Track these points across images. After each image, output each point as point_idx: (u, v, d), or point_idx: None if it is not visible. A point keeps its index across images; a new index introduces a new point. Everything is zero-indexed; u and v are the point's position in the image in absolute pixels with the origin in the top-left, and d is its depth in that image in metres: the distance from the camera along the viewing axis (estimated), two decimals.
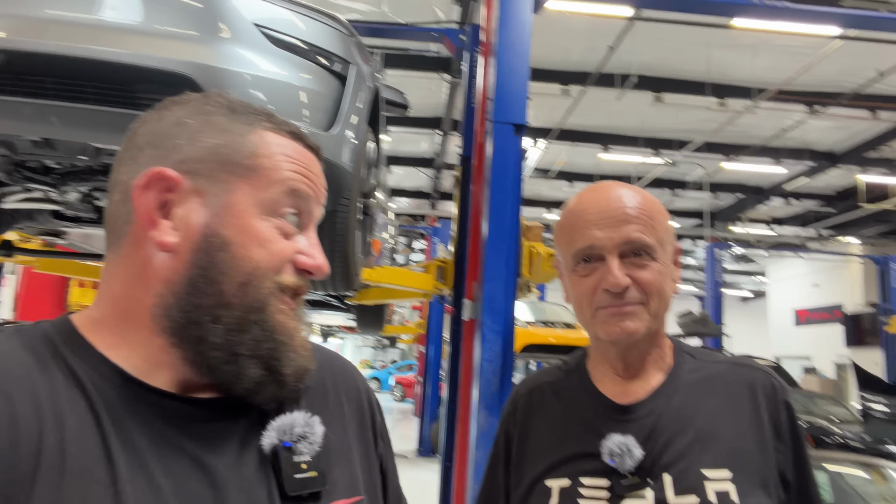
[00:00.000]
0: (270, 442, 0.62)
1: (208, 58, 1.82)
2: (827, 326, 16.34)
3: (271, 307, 0.61)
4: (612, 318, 0.91)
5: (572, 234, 0.95)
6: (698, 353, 1.01)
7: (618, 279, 0.89)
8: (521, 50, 3.46)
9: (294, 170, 0.65)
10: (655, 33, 7.85)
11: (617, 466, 0.88)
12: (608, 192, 0.96)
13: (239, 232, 0.61)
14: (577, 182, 13.62)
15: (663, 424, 0.91)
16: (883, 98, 9.28)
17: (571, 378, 1.02)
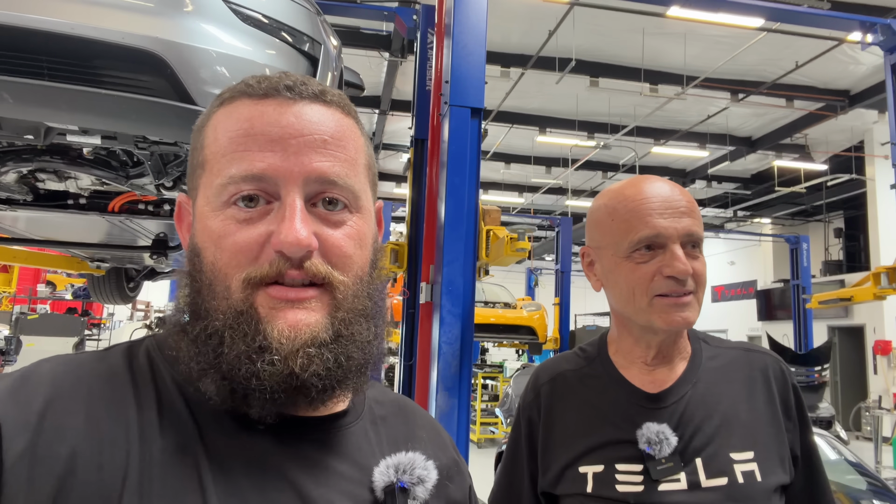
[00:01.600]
0: (386, 479, 0.59)
1: (174, 33, 1.73)
2: (742, 302, 17.44)
3: (254, 304, 0.54)
4: (673, 308, 0.93)
5: (633, 221, 0.95)
6: (711, 339, 1.07)
7: (687, 266, 0.92)
8: (478, 33, 3.46)
9: (238, 144, 0.55)
10: (593, 19, 8.02)
11: (654, 454, 0.92)
12: (661, 184, 0.98)
13: (201, 236, 0.57)
14: (513, 163, 13.81)
15: (691, 411, 0.96)
16: (799, 88, 9.89)
17: (595, 365, 1.05)
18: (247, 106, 0.56)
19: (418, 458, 0.61)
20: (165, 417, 0.53)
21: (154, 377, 0.56)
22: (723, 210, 16.21)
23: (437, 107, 3.66)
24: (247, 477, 0.53)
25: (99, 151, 2.18)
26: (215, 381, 0.53)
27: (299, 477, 0.55)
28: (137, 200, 2.64)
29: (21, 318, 10.01)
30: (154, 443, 0.51)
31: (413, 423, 0.69)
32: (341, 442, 0.59)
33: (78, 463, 0.48)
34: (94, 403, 0.52)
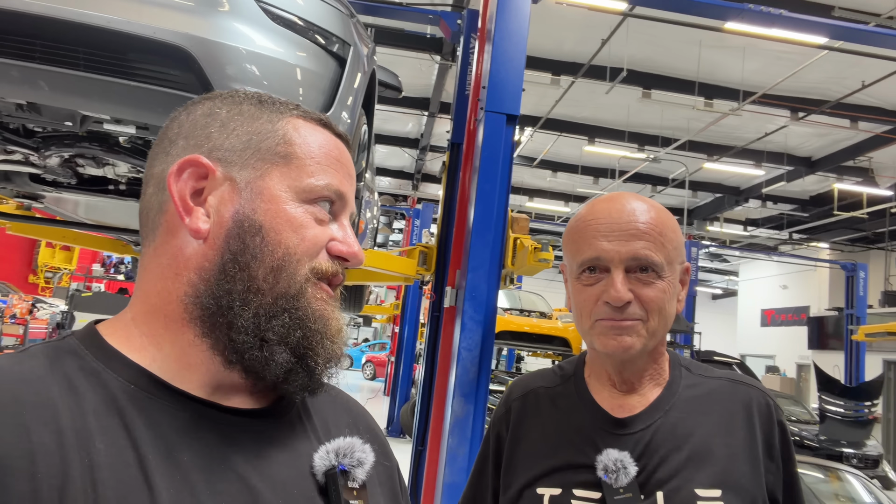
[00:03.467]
0: (326, 464, 0.61)
1: (205, 30, 1.78)
2: (792, 328, 16.77)
3: (307, 294, 0.61)
4: (610, 331, 0.91)
5: (580, 243, 0.94)
6: (695, 366, 1.02)
7: (620, 294, 0.89)
8: (518, 40, 3.44)
9: (326, 159, 0.64)
10: (648, 29, 7.86)
11: (610, 482, 0.88)
12: (622, 203, 0.94)
13: (272, 217, 0.60)
14: (560, 172, 13.67)
15: (659, 440, 0.91)
16: (864, 108, 9.45)
17: (568, 385, 1.02)
18: (328, 135, 0.66)
19: (356, 442, 0.63)
20: (101, 417, 0.52)
21: (84, 375, 0.54)
22: (777, 231, 15.63)
23: (475, 112, 3.66)
24: (194, 470, 0.53)
25: (135, 140, 2.27)
26: (282, 352, 0.58)
27: (244, 468, 0.56)
28: None
29: (76, 295, 10.50)
30: (92, 446, 0.50)
31: (342, 409, 0.72)
32: (280, 431, 0.62)
33: (8, 476, 0.46)
34: (20, 410, 0.49)
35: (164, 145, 0.63)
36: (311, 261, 0.61)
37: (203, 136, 0.62)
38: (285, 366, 0.58)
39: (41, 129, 2.19)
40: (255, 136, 0.62)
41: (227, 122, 0.63)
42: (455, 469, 3.13)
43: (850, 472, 3.83)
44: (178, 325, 0.58)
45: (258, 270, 0.58)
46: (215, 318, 0.57)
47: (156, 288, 0.60)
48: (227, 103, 0.64)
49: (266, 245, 0.59)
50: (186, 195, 0.60)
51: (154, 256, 0.61)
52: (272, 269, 0.59)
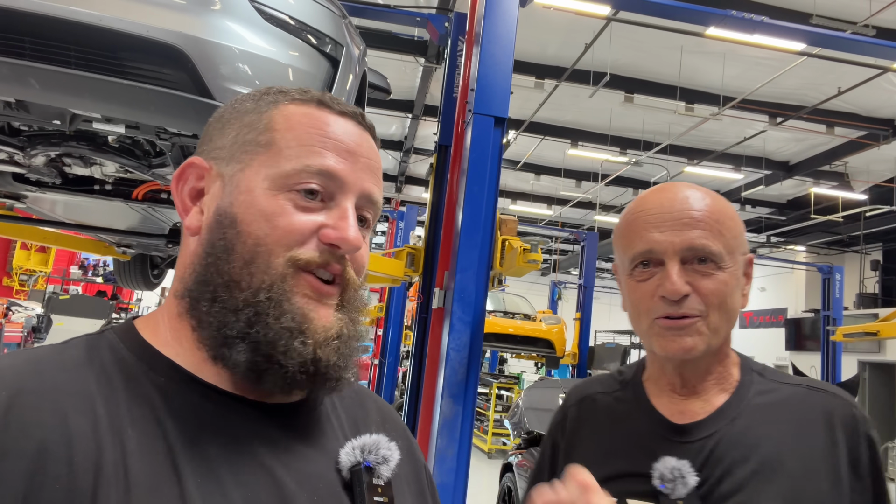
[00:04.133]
0: (352, 460, 0.61)
1: (198, 29, 1.77)
2: (770, 330, 17.03)
3: (286, 288, 0.57)
4: (669, 333, 0.84)
5: (631, 237, 0.88)
6: (769, 372, 0.93)
7: (676, 286, 0.82)
8: (506, 43, 3.46)
9: (312, 138, 0.61)
10: (631, 34, 7.95)
11: (667, 492, 0.81)
12: (674, 192, 0.88)
13: (245, 208, 0.59)
14: (543, 175, 13.75)
15: (723, 450, 0.83)
16: (839, 114, 9.65)
17: (626, 390, 0.96)
18: (327, 114, 0.62)
19: (382, 440, 0.64)
20: (134, 407, 0.53)
21: (119, 368, 0.56)
22: (756, 234, 15.88)
23: (462, 114, 3.68)
24: (221, 461, 0.54)
25: (123, 140, 2.25)
26: (244, 350, 0.56)
27: (270, 460, 0.57)
28: (160, 189, 2.70)
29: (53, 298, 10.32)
30: (125, 434, 0.51)
31: (369, 407, 0.72)
32: (307, 426, 0.62)
33: (47, 459, 0.48)
34: (59, 397, 0.52)
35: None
36: (289, 251, 0.58)
37: (207, 138, 0.65)
38: (247, 364, 0.56)
39: (27, 127, 2.16)
40: (242, 129, 0.62)
41: (226, 121, 0.64)
42: (444, 470, 3.13)
43: None
44: (177, 320, 0.60)
45: (234, 263, 0.57)
46: (192, 311, 0.58)
47: (175, 285, 0.63)
48: (234, 104, 0.65)
49: (239, 237, 0.58)
50: (185, 195, 0.63)
51: (178, 263, 0.64)
52: (245, 261, 0.57)
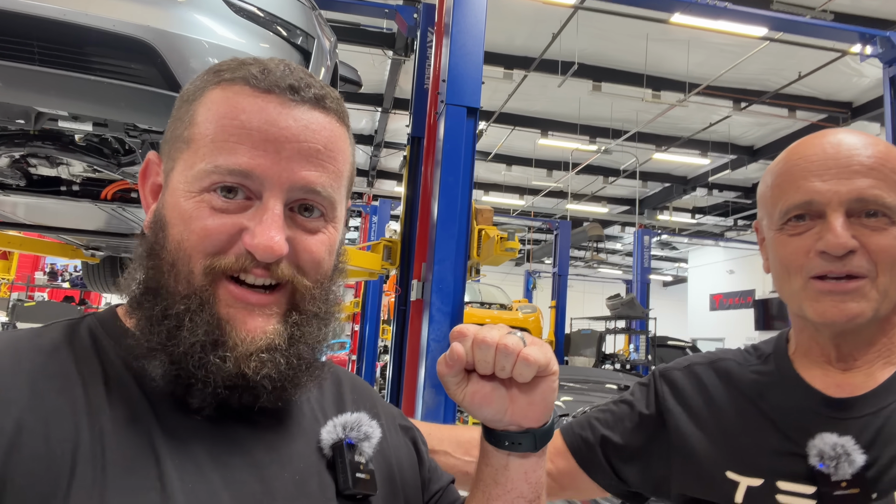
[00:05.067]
0: (334, 437, 0.61)
1: (167, 23, 1.74)
2: (739, 311, 17.44)
3: (205, 298, 0.55)
4: (828, 297, 0.73)
5: (784, 186, 0.77)
6: None
7: (841, 238, 0.71)
8: (476, 33, 3.47)
9: (227, 133, 0.55)
10: (597, 23, 8.03)
11: (829, 473, 0.71)
12: (838, 137, 0.77)
13: (170, 211, 0.57)
14: (514, 165, 13.82)
15: (893, 428, 0.72)
16: (801, 98, 9.90)
17: (767, 364, 0.85)
18: (247, 96, 0.56)
19: (363, 417, 0.63)
20: (113, 390, 0.53)
21: (98, 352, 0.56)
22: (723, 218, 16.21)
23: (434, 105, 3.68)
24: (199, 443, 0.54)
25: (91, 138, 2.20)
26: (163, 363, 0.53)
27: (250, 441, 0.56)
28: (130, 189, 2.65)
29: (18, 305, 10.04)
30: (103, 414, 0.51)
31: (348, 388, 0.71)
32: (287, 408, 0.61)
33: (24, 435, 0.48)
34: (37, 377, 0.51)
35: None
36: (206, 258, 0.54)
37: (167, 129, 0.62)
38: (168, 376, 0.53)
39: None
40: (175, 121, 0.60)
41: (174, 112, 0.61)
42: None
43: None
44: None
45: (163, 270, 0.56)
46: (130, 315, 0.58)
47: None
48: (182, 90, 0.62)
49: (166, 240, 0.56)
50: (147, 192, 0.62)
51: None
52: (170, 265, 0.55)
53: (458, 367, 0.59)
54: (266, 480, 0.55)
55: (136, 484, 0.49)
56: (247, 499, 0.53)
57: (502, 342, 0.57)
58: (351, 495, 0.59)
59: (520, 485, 0.64)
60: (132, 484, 0.49)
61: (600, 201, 16.02)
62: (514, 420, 0.62)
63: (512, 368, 0.58)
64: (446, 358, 0.59)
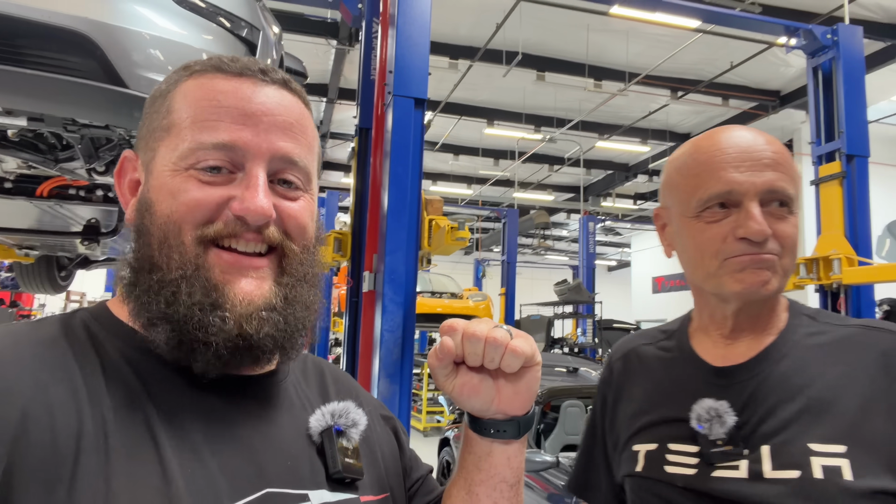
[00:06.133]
0: (322, 424, 0.64)
1: (105, 14, 1.69)
2: (680, 293, 18.12)
3: (204, 263, 0.58)
4: (749, 266, 0.80)
5: (703, 176, 0.83)
6: (822, 315, 0.89)
7: (762, 226, 0.78)
8: (422, 23, 3.48)
9: (206, 112, 0.59)
10: (539, 13, 8.14)
11: (706, 433, 0.80)
12: (742, 132, 0.84)
13: (156, 191, 0.60)
14: (461, 155, 13.89)
15: (766, 390, 0.81)
16: (734, 87, 10.33)
17: (670, 340, 0.96)
18: (221, 80, 0.60)
19: (350, 405, 0.66)
20: (111, 380, 0.55)
21: (93, 343, 0.58)
22: None
23: (382, 97, 3.68)
24: (197, 430, 0.56)
25: (25, 134, 2.11)
26: (165, 330, 0.56)
27: (245, 429, 0.59)
28: (68, 185, 2.55)
29: None
30: (103, 403, 0.53)
31: (331, 379, 0.75)
32: (278, 396, 0.64)
33: (30, 425, 0.49)
34: (39, 368, 0.53)
35: None
36: (198, 227, 0.58)
37: (139, 129, 0.65)
38: (169, 343, 0.56)
39: None
40: (152, 115, 0.63)
41: (147, 109, 0.64)
42: None
43: None
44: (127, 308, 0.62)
45: (153, 246, 0.59)
46: (129, 300, 0.60)
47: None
48: (154, 90, 0.65)
49: (153, 219, 0.59)
50: (125, 188, 0.65)
51: None
52: (159, 241, 0.58)
53: (448, 359, 0.62)
54: (260, 465, 0.58)
55: (138, 470, 0.51)
56: (242, 483, 0.55)
57: (491, 335, 0.61)
58: (340, 479, 0.62)
59: (502, 470, 0.68)
60: (135, 470, 0.51)
61: (546, 189, 16.31)
62: (500, 409, 0.66)
63: (500, 360, 0.61)
64: (437, 351, 0.62)
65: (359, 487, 0.64)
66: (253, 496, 0.55)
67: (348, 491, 0.62)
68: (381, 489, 0.68)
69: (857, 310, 4.37)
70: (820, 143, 4.80)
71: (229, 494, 0.54)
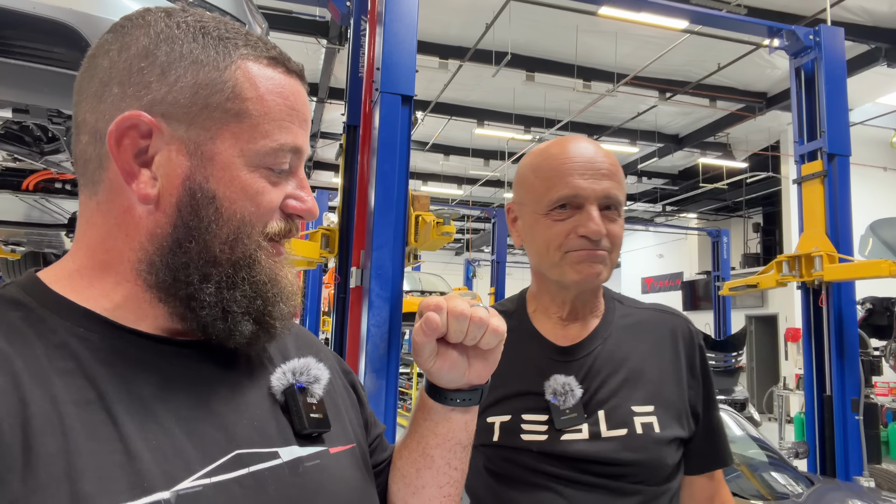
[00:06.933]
0: (284, 382, 0.64)
1: (91, 6, 1.70)
2: (669, 293, 18.23)
3: (261, 258, 0.60)
4: (585, 260, 0.96)
5: (554, 179, 0.97)
6: (626, 300, 1.11)
7: (600, 227, 0.94)
8: (410, 21, 3.51)
9: (281, 111, 0.60)
10: (529, 14, 8.19)
11: (559, 404, 0.95)
12: (585, 144, 1.00)
13: (226, 185, 0.58)
14: (452, 155, 13.91)
15: (599, 365, 0.99)
16: (721, 89, 10.42)
17: (511, 320, 1.04)
18: (283, 77, 0.61)
19: (311, 361, 0.67)
20: (56, 359, 0.52)
21: (31, 322, 0.54)
22: (652, 205, 16.88)
23: (369, 94, 3.70)
24: (156, 401, 0.54)
25: (10, 126, 2.12)
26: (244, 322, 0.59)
27: (206, 395, 0.58)
28: (54, 179, 2.56)
29: None
30: (52, 385, 0.50)
31: (291, 335, 0.74)
32: (238, 357, 0.64)
33: None
34: None
35: (95, 87, 0.58)
36: (264, 225, 0.60)
37: (141, 84, 0.56)
38: (248, 335, 0.59)
39: None
40: (201, 88, 0.57)
41: (167, 68, 0.57)
42: None
43: (723, 409, 4.32)
44: (132, 286, 0.58)
45: (213, 241, 0.57)
46: (174, 289, 0.57)
47: (104, 245, 0.58)
48: (165, 40, 0.57)
49: (220, 216, 0.57)
50: (131, 159, 0.56)
51: (98, 212, 0.59)
52: (227, 239, 0.58)
53: (435, 335, 0.65)
54: (227, 428, 0.57)
55: (99, 447, 0.49)
56: (211, 447, 0.55)
57: (476, 315, 0.65)
58: (307, 434, 0.63)
59: (459, 433, 0.72)
60: (96, 447, 0.49)
61: None
62: (469, 380, 0.70)
63: (481, 338, 0.65)
64: (423, 327, 0.65)
65: (326, 440, 0.65)
66: (223, 459, 0.55)
67: (317, 444, 0.63)
68: (348, 440, 0.69)
69: (837, 306, 4.45)
70: (802, 143, 4.87)
71: (199, 460, 0.53)
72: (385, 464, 0.78)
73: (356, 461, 0.69)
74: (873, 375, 6.00)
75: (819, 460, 4.58)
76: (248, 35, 0.61)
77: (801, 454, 4.28)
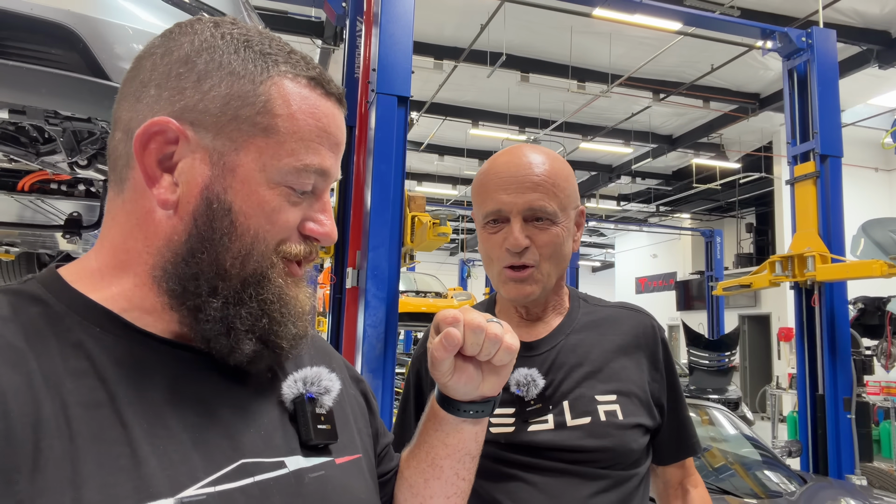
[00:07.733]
0: (294, 392, 0.64)
1: (89, 7, 1.71)
2: (663, 293, 18.31)
3: (274, 277, 0.59)
4: (512, 283, 1.02)
5: (483, 195, 1.03)
6: (591, 298, 1.17)
7: (518, 240, 0.99)
8: (405, 22, 3.52)
9: (311, 132, 0.59)
10: (523, 15, 8.21)
11: (523, 395, 1.00)
12: (518, 157, 1.03)
13: (243, 199, 0.57)
14: (447, 155, 13.93)
15: (562, 358, 1.04)
16: (714, 90, 10.47)
17: None
18: (318, 98, 0.60)
19: (323, 371, 0.67)
20: (70, 359, 0.52)
21: (49, 320, 0.54)
22: (646, 205, 16.94)
23: (365, 95, 3.71)
24: (166, 405, 0.54)
25: (6, 126, 2.11)
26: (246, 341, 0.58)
27: (215, 401, 0.58)
28: (49, 179, 2.56)
29: None
30: (63, 386, 0.50)
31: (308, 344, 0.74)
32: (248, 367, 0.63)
33: None
34: None
35: (135, 87, 0.59)
36: (280, 244, 0.59)
37: (176, 89, 0.57)
38: (250, 354, 0.58)
39: None
40: (233, 100, 0.57)
41: (203, 76, 0.57)
42: None
43: (717, 408, 4.34)
44: (148, 290, 0.58)
45: (225, 254, 0.57)
46: (182, 299, 0.57)
47: (125, 245, 0.59)
48: (208, 48, 0.58)
49: (235, 229, 0.57)
50: (154, 163, 0.57)
51: (123, 210, 0.59)
52: (239, 254, 0.57)
53: (454, 350, 0.65)
54: (233, 436, 0.57)
55: (106, 451, 0.49)
56: (216, 455, 0.55)
57: (491, 331, 0.65)
58: (313, 445, 0.63)
59: (469, 444, 0.73)
60: (103, 451, 0.49)
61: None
62: (482, 393, 0.71)
63: (495, 354, 0.66)
64: (443, 343, 0.65)
65: (333, 451, 0.65)
66: (229, 468, 0.55)
67: (323, 455, 0.63)
68: (355, 450, 0.69)
69: (830, 305, 4.48)
70: (795, 144, 4.91)
71: (204, 468, 0.53)
72: (392, 473, 0.78)
73: (362, 471, 0.69)
74: (865, 374, 6.05)
75: (812, 459, 4.62)
76: (292, 53, 0.61)
77: (793, 453, 4.31)
